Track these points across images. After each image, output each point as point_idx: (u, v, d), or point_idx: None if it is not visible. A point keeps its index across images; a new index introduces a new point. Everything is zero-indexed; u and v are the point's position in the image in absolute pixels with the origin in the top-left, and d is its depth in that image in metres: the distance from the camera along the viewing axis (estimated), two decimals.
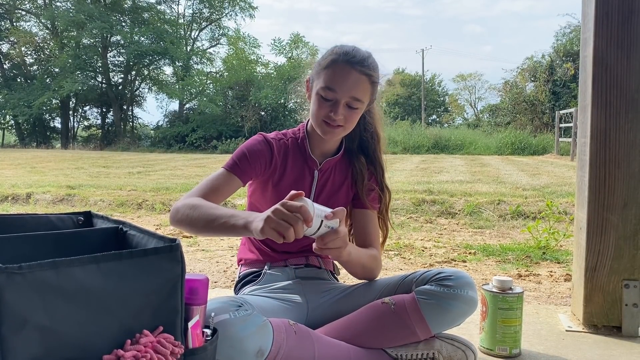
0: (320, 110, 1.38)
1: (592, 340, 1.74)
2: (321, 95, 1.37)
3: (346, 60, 1.36)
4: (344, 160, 1.53)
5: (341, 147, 1.52)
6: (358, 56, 1.37)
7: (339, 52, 1.38)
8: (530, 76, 20.95)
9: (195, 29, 26.88)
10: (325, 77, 1.37)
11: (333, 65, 1.37)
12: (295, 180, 1.48)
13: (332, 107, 1.36)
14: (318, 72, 1.40)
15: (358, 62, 1.36)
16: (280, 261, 1.53)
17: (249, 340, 1.14)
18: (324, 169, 1.51)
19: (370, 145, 1.53)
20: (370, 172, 1.53)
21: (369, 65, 1.38)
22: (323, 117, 1.38)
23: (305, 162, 1.49)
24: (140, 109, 29.42)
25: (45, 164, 10.78)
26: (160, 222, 4.61)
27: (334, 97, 1.36)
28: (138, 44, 23.57)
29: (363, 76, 1.36)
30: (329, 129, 1.39)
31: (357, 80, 1.36)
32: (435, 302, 1.32)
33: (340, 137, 1.47)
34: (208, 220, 1.23)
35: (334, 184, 1.52)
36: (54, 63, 23.98)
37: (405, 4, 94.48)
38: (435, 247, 3.59)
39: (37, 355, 0.79)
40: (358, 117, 1.42)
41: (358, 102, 1.37)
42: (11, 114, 23.86)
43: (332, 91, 1.35)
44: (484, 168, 9.48)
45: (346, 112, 1.37)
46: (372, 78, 1.39)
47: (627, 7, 1.76)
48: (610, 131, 1.78)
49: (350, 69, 1.35)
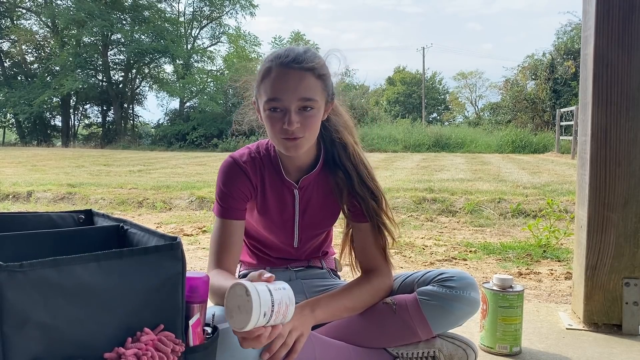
0: (274, 127, 1.24)
1: (593, 339, 1.74)
2: (269, 110, 1.24)
3: (280, 63, 1.23)
4: (325, 173, 1.40)
5: (319, 157, 1.39)
6: (292, 54, 1.24)
7: (271, 59, 1.26)
8: (531, 74, 20.93)
9: (195, 27, 26.89)
10: (265, 89, 1.24)
11: (269, 73, 1.24)
12: (278, 200, 1.40)
13: (283, 118, 1.22)
14: (258, 88, 1.28)
15: (293, 60, 1.23)
16: (280, 266, 1.53)
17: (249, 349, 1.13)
18: (303, 186, 1.40)
19: (335, 154, 1.37)
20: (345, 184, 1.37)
21: (308, 59, 1.24)
22: (279, 134, 1.24)
23: (282, 183, 1.39)
24: (141, 107, 29.49)
25: (46, 162, 10.78)
26: (161, 220, 4.61)
27: (282, 106, 1.22)
28: (138, 42, 23.59)
29: (304, 72, 1.23)
30: (290, 144, 1.25)
31: (300, 79, 1.22)
32: (437, 303, 1.31)
33: (307, 148, 1.30)
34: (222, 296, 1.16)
35: (318, 199, 1.42)
36: (54, 61, 23.98)
37: (404, 1, 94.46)
38: (436, 245, 3.59)
39: (39, 352, 0.79)
40: (317, 120, 1.27)
41: (310, 101, 1.23)
42: (12, 112, 23.90)
43: (278, 100, 1.22)
44: (484, 166, 9.47)
45: (301, 118, 1.23)
46: (316, 71, 1.24)
47: (628, 5, 1.75)
48: (611, 129, 1.78)
49: (287, 69, 1.22)
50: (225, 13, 26.61)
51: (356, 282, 1.38)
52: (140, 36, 24.04)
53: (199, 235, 3.96)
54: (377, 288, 1.36)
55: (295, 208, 1.42)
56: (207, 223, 4.42)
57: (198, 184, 6.45)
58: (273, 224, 1.44)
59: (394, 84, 36.99)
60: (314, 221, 1.45)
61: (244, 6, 26.10)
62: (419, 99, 34.25)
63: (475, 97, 36.43)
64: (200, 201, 5.45)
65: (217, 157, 13.19)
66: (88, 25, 22.69)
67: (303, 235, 1.46)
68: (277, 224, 1.43)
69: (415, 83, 35.82)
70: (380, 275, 1.37)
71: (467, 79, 36.54)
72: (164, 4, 26.18)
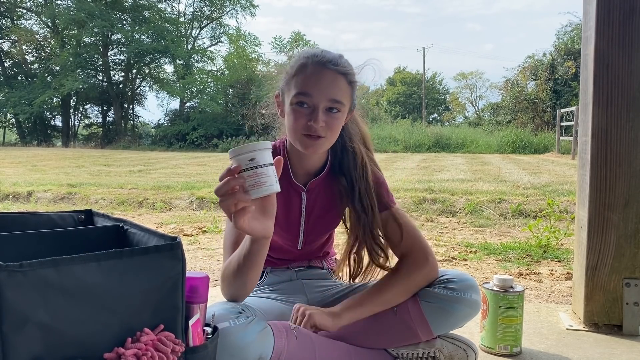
0: (297, 122, 1.24)
1: (593, 339, 1.74)
2: (296, 104, 1.24)
3: (317, 61, 1.24)
4: (330, 177, 1.40)
5: (327, 162, 1.40)
6: (328, 56, 1.26)
7: (307, 56, 1.26)
8: (531, 74, 20.93)
9: (196, 27, 26.89)
10: (297, 83, 1.24)
11: (304, 69, 1.24)
12: (285, 203, 1.39)
13: (311, 115, 1.23)
14: (288, 82, 1.28)
15: (330, 61, 1.25)
16: (281, 266, 1.53)
17: (249, 349, 1.13)
18: (311, 189, 1.40)
19: (344, 161, 1.37)
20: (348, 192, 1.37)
21: (343, 64, 1.26)
22: (302, 130, 1.24)
23: (290, 185, 1.38)
24: (141, 107, 29.52)
25: (46, 162, 10.79)
26: (161, 220, 4.61)
27: (311, 103, 1.23)
28: (139, 42, 23.59)
29: (339, 75, 1.25)
30: (310, 142, 1.25)
31: (334, 80, 1.24)
32: (438, 305, 1.31)
33: (324, 151, 1.32)
34: (238, 267, 1.19)
35: (323, 203, 1.42)
36: (54, 61, 23.99)
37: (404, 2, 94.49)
38: (436, 245, 3.59)
39: (38, 353, 0.79)
40: (341, 124, 1.28)
41: (338, 104, 1.24)
42: (12, 112, 23.88)
43: (308, 96, 1.23)
44: (484, 166, 9.47)
45: (327, 118, 1.24)
46: (348, 77, 1.27)
47: (628, 5, 1.75)
48: (612, 130, 1.78)
49: (323, 68, 1.24)
50: (225, 13, 26.64)
51: (387, 276, 1.35)
52: (140, 36, 24.05)
53: (199, 236, 3.96)
54: (413, 269, 1.32)
55: (302, 211, 1.42)
56: (207, 223, 4.42)
57: (198, 184, 6.45)
58: (278, 227, 1.43)
59: (394, 85, 37.02)
60: (319, 224, 1.44)
61: (245, 6, 26.12)
62: (419, 99, 34.26)
63: (476, 98, 36.47)
64: (201, 201, 5.45)
65: (217, 158, 13.19)
66: (88, 25, 22.70)
67: (308, 238, 1.46)
68: (283, 227, 1.43)
69: (416, 83, 35.85)
70: (409, 259, 1.34)
71: (468, 80, 36.57)
72: (164, 4, 26.22)
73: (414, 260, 1.33)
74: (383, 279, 1.35)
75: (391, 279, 1.33)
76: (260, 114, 1.49)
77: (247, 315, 1.18)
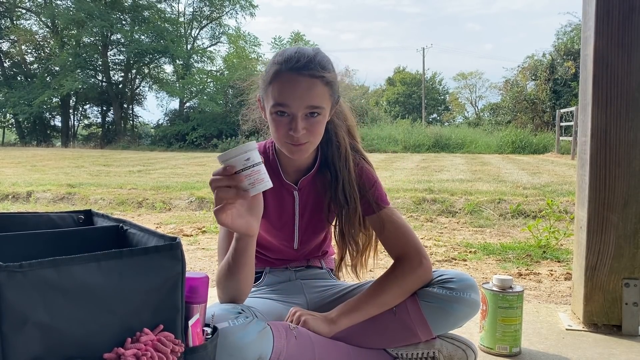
0: (279, 131, 1.24)
1: (592, 339, 1.74)
2: (275, 114, 1.23)
3: (290, 67, 1.21)
4: (320, 173, 1.40)
5: (317, 158, 1.40)
6: (302, 59, 1.21)
7: (280, 61, 1.23)
8: (531, 75, 20.93)
9: (195, 27, 26.89)
10: (273, 93, 1.22)
11: (277, 77, 1.22)
12: (277, 203, 1.40)
13: (290, 124, 1.22)
14: (265, 89, 1.26)
15: (304, 66, 1.21)
16: (280, 266, 1.53)
17: (248, 349, 1.13)
18: (302, 187, 1.40)
19: (329, 154, 1.37)
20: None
21: (317, 65, 1.22)
22: (284, 138, 1.24)
23: (281, 185, 1.39)
24: (141, 107, 29.55)
25: (46, 162, 10.78)
26: (161, 221, 4.61)
27: (290, 112, 1.21)
28: (138, 43, 23.59)
29: (314, 79, 1.21)
30: (295, 148, 1.26)
31: (310, 86, 1.20)
32: (438, 305, 1.31)
33: (311, 151, 1.32)
34: (228, 268, 1.20)
35: (316, 200, 1.42)
36: (54, 61, 23.98)
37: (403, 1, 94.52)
38: (436, 245, 3.59)
39: (38, 353, 0.79)
40: (323, 125, 1.27)
41: (317, 108, 1.22)
42: (11, 112, 23.89)
43: (285, 106, 1.21)
44: (484, 167, 9.47)
45: (307, 124, 1.23)
46: (325, 79, 1.23)
47: (627, 5, 1.75)
48: (611, 130, 1.78)
49: (297, 76, 1.20)
50: (225, 13, 26.64)
51: (382, 279, 1.35)
52: (140, 36, 24.04)
53: (199, 236, 3.96)
54: (407, 271, 1.33)
55: (295, 210, 1.42)
56: (207, 223, 4.42)
57: (198, 185, 6.45)
58: (272, 227, 1.43)
59: (393, 85, 37.02)
60: (314, 222, 1.44)
61: (244, 6, 26.12)
62: (419, 99, 34.26)
63: (475, 98, 36.48)
64: (200, 201, 5.45)
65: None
66: (88, 25, 22.70)
67: (303, 237, 1.46)
68: (277, 227, 1.43)
69: (415, 83, 35.85)
70: (403, 262, 1.34)
71: (467, 80, 36.57)
72: (164, 4, 26.20)
73: (408, 262, 1.33)
74: (378, 282, 1.35)
75: (386, 282, 1.34)
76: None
77: (247, 316, 1.18)
